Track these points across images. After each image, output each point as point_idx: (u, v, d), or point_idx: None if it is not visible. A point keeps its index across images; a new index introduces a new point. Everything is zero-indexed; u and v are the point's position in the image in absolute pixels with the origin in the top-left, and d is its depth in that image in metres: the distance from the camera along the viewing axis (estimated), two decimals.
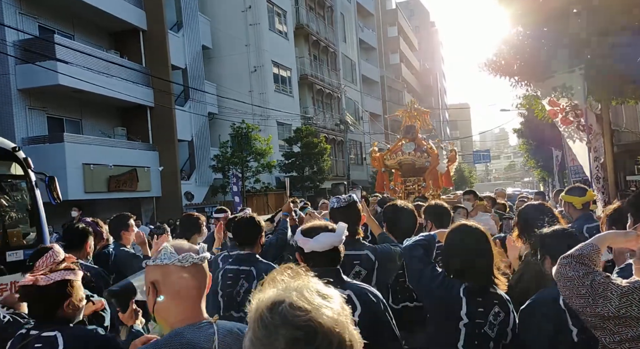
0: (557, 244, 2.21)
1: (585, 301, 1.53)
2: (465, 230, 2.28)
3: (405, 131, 6.55)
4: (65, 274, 2.08)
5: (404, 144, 6.39)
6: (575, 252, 1.63)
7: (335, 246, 2.08)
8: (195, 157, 20.26)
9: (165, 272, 1.40)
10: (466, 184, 56.55)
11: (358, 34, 36.31)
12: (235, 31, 22.88)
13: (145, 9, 17.77)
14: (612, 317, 1.49)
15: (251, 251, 2.96)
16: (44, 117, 14.66)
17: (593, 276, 1.55)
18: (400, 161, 6.31)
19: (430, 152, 6.19)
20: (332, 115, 29.12)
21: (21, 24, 13.81)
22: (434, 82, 65.13)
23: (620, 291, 1.50)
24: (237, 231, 3.06)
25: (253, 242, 3.00)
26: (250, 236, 3.00)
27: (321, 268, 2.02)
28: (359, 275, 2.61)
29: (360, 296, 2.02)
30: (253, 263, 2.90)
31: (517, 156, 76.89)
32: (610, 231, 1.79)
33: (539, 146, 22.88)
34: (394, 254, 2.74)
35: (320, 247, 2.06)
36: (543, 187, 28.71)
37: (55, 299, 2.04)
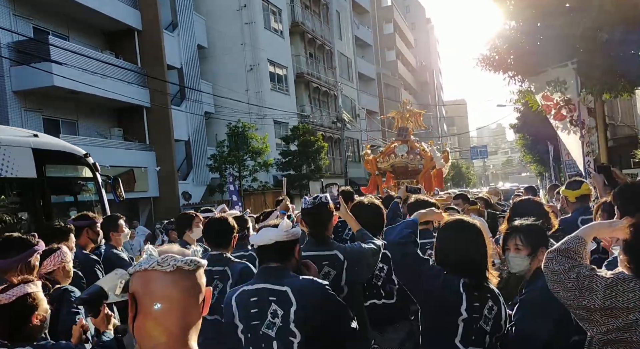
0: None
1: (572, 294, 1.55)
2: (463, 225, 2.26)
3: (398, 133, 6.55)
4: (26, 287, 1.99)
5: (396, 147, 6.37)
6: (561, 246, 1.65)
7: (278, 241, 2.15)
8: (192, 157, 20.25)
9: (145, 280, 1.07)
10: (464, 180, 56.67)
11: (354, 31, 36.28)
12: (231, 30, 22.83)
13: (140, 9, 17.73)
14: (598, 309, 1.51)
15: (224, 251, 2.94)
16: (39, 118, 14.62)
17: (579, 269, 1.57)
18: (393, 163, 6.30)
19: (423, 154, 6.20)
20: (328, 113, 29.12)
21: (15, 25, 13.77)
22: (430, 78, 65.18)
23: (605, 283, 1.52)
24: (209, 232, 3.02)
25: (227, 244, 2.97)
26: (223, 237, 2.97)
27: (266, 264, 2.19)
28: (328, 275, 2.59)
29: (299, 291, 2.06)
30: (226, 262, 2.87)
31: (515, 151, 77.06)
32: (595, 222, 1.80)
33: (535, 141, 22.94)
34: (366, 252, 2.68)
35: (261, 241, 2.18)
36: (540, 181, 28.81)
37: (21, 314, 1.97)
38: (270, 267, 2.18)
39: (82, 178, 6.17)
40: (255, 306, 2.10)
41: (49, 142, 5.84)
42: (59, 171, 5.92)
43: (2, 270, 2.41)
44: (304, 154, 20.38)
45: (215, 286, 2.78)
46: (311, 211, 2.74)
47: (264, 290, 2.11)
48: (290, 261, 2.22)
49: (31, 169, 5.23)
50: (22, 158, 5.16)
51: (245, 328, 2.10)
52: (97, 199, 6.26)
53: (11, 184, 5.26)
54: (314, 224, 2.72)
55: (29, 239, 2.55)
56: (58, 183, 5.88)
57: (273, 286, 2.10)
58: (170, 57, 18.60)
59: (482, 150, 47.98)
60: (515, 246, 2.31)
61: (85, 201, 6.35)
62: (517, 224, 2.38)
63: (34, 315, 1.99)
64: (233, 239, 3.02)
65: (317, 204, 2.75)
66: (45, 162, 5.46)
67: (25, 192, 5.44)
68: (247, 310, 2.10)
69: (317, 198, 2.78)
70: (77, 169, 6.10)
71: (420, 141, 6.65)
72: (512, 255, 2.33)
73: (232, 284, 2.73)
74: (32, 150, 5.29)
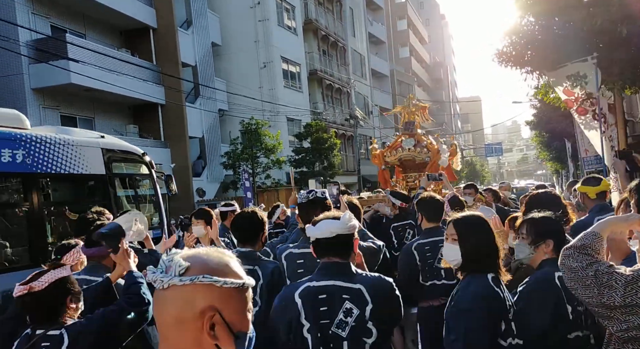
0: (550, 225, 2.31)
1: (590, 291, 1.52)
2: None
3: (405, 127, 6.52)
4: (57, 273, 2.02)
5: (403, 140, 6.35)
6: (577, 243, 1.62)
7: (339, 234, 2.00)
8: (206, 153, 20.40)
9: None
10: (478, 177, 56.16)
11: (367, 28, 36.14)
12: (244, 27, 22.91)
13: (155, 7, 17.89)
14: (619, 306, 1.48)
15: (252, 248, 2.77)
16: (57, 115, 14.86)
17: (597, 266, 1.54)
18: (400, 157, 6.30)
19: (430, 147, 6.18)
20: (341, 110, 29.07)
21: (34, 23, 14.00)
22: (444, 75, 64.62)
23: (625, 280, 1.49)
24: (238, 227, 2.86)
25: (255, 239, 2.81)
26: (252, 232, 2.80)
27: (327, 259, 2.04)
28: None
29: (373, 288, 1.97)
30: (256, 261, 2.71)
31: (530, 148, 76.11)
32: (610, 217, 1.76)
33: (551, 138, 22.61)
34: (365, 251, 2.59)
35: (320, 234, 2.02)
36: (556, 179, 28.41)
37: (56, 299, 2.00)
38: (334, 262, 2.02)
39: (140, 174, 6.85)
40: (324, 305, 1.95)
41: (114, 142, 6.56)
42: (122, 168, 6.59)
43: (101, 256, 2.56)
44: (316, 151, 20.38)
45: None
46: (306, 205, 2.64)
47: (334, 287, 1.96)
48: (351, 255, 2.09)
49: (101, 166, 5.95)
50: (93, 157, 5.87)
51: (312, 327, 1.94)
52: (152, 193, 7.00)
53: (85, 180, 6.01)
54: (308, 220, 2.56)
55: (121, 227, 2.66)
56: (121, 179, 6.55)
57: (344, 283, 1.96)
58: (184, 55, 18.74)
59: (497, 147, 47.48)
60: (521, 234, 2.38)
61: (143, 195, 6.99)
62: (530, 214, 2.42)
63: (67, 298, 2.04)
64: (262, 235, 2.86)
65: (311, 199, 2.65)
66: (111, 161, 6.15)
67: (96, 187, 6.19)
68: (315, 308, 1.95)
69: (311, 192, 2.69)
70: (136, 167, 6.81)
71: (427, 134, 6.61)
72: (516, 243, 2.44)
73: (264, 285, 2.60)
74: (101, 150, 6.02)
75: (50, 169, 5.32)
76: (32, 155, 5.11)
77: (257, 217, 2.85)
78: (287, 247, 2.72)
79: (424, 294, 3.35)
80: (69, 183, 5.98)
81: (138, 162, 6.74)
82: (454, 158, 6.72)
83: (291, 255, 2.64)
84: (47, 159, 5.29)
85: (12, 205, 5.35)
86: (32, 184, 5.21)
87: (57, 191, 5.90)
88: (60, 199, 5.89)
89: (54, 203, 5.68)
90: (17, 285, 1.99)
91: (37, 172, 5.19)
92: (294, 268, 2.60)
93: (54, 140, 5.41)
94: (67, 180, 5.82)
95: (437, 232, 3.36)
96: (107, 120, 16.82)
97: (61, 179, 5.70)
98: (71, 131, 6.26)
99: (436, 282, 3.29)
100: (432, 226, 3.46)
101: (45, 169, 5.26)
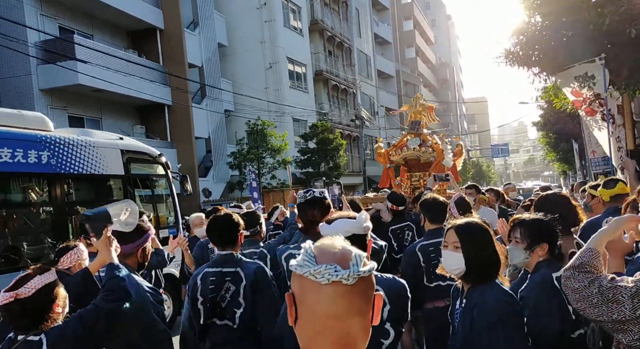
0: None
1: (599, 310, 1.51)
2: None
3: (411, 127, 6.53)
4: (43, 278, 1.95)
5: (409, 140, 6.36)
6: (575, 263, 1.60)
7: (355, 233, 1.97)
8: (212, 154, 20.46)
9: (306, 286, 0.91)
10: (484, 178, 55.91)
11: (373, 29, 36.10)
12: (251, 28, 22.97)
13: (161, 8, 17.98)
14: (630, 319, 1.47)
15: (232, 250, 2.74)
16: (65, 116, 14.97)
17: (599, 282, 1.53)
18: (405, 156, 6.30)
19: (435, 147, 6.18)
20: (347, 110, 29.05)
21: (42, 25, 14.11)
22: (450, 75, 64.41)
23: (630, 292, 1.48)
24: (214, 232, 2.80)
25: (234, 242, 2.77)
26: (229, 236, 2.77)
27: None
28: None
29: (389, 289, 1.94)
30: (238, 263, 2.68)
31: (537, 149, 75.65)
32: (601, 230, 1.74)
33: (558, 139, 22.48)
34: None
35: (335, 233, 1.98)
36: (564, 180, 28.21)
37: (42, 307, 1.94)
38: None
39: (156, 175, 7.06)
40: None
41: (131, 144, 6.77)
42: (139, 169, 6.76)
43: (125, 255, 2.51)
44: (322, 152, 20.38)
45: (226, 288, 2.61)
46: (304, 205, 2.57)
47: None
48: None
49: (119, 167, 6.19)
50: (113, 158, 6.11)
51: None
52: (167, 193, 7.23)
53: (105, 180, 6.24)
54: (307, 221, 2.56)
55: (143, 226, 2.62)
56: (139, 179, 6.73)
57: None
58: (191, 56, 18.81)
59: (504, 148, 47.22)
60: (515, 238, 2.32)
61: (159, 194, 7.19)
62: (521, 217, 2.37)
63: (54, 304, 1.99)
64: (240, 236, 2.83)
65: (309, 199, 2.58)
66: (129, 162, 6.36)
67: (115, 187, 6.39)
68: None
69: (309, 192, 2.61)
70: (152, 167, 7.03)
71: (432, 134, 6.62)
72: (510, 247, 2.34)
73: (247, 286, 2.60)
74: (120, 151, 6.25)
75: (73, 170, 5.53)
76: (57, 156, 5.33)
77: (232, 219, 2.79)
78: (287, 248, 2.68)
79: (428, 295, 3.33)
80: (90, 183, 6.18)
81: (154, 163, 6.98)
82: (459, 158, 6.72)
83: (291, 256, 2.61)
84: (70, 160, 5.50)
85: (37, 204, 5.51)
86: (56, 184, 5.42)
87: (80, 191, 6.12)
88: (82, 198, 6.08)
89: (76, 203, 5.85)
90: (2, 292, 1.92)
91: (61, 173, 5.39)
92: None
93: (76, 142, 5.62)
94: (88, 180, 6.03)
95: (441, 234, 3.31)
96: (114, 120, 16.91)
97: (83, 179, 5.92)
98: (92, 132, 6.46)
99: (441, 283, 3.25)
100: (436, 227, 3.42)
101: (68, 169, 5.47)
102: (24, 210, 5.37)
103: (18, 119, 5.34)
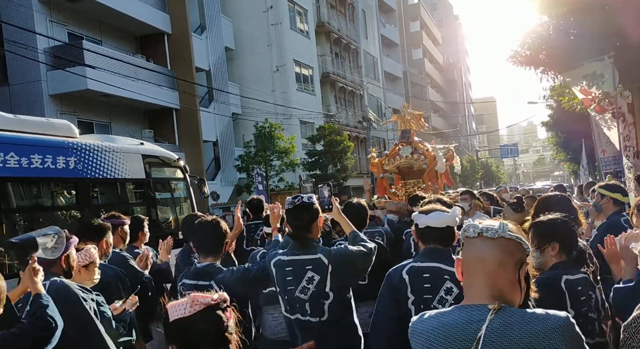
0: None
1: None
2: None
3: (402, 136, 6.59)
4: None
5: (400, 149, 6.44)
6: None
7: (449, 225, 2.26)
8: (220, 157, 20.55)
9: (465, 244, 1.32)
10: (494, 179, 55.49)
11: (380, 30, 36.07)
12: (257, 31, 23.06)
13: (169, 13, 18.11)
14: None
15: (213, 261, 2.69)
16: (74, 121, 15.08)
17: None
18: (398, 164, 6.38)
19: (427, 154, 6.24)
20: (354, 112, 29.04)
21: (51, 31, 14.28)
22: (458, 76, 64.15)
23: None
24: (200, 238, 2.73)
25: (217, 252, 2.72)
26: (215, 244, 2.71)
27: (433, 245, 2.30)
28: (312, 281, 2.45)
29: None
30: (212, 275, 2.62)
31: (547, 149, 74.96)
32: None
33: (568, 138, 22.28)
34: (353, 255, 2.51)
35: (432, 223, 2.29)
36: (574, 180, 27.94)
37: None
38: (439, 248, 2.28)
39: (175, 178, 7.28)
40: (428, 282, 2.20)
41: (151, 148, 7.00)
42: (159, 173, 7.00)
43: (48, 264, 2.45)
44: (330, 154, 20.38)
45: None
46: (292, 211, 2.54)
47: (436, 268, 2.22)
48: (451, 245, 2.32)
49: (141, 171, 6.42)
50: (135, 163, 6.33)
51: (416, 300, 2.21)
52: (185, 196, 7.42)
53: (128, 184, 6.42)
54: (295, 226, 2.55)
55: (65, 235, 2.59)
56: (159, 183, 6.97)
57: (446, 266, 2.20)
58: (198, 60, 18.92)
59: (513, 148, 46.95)
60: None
61: (178, 197, 7.38)
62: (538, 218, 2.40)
63: None
64: (224, 246, 2.74)
65: (297, 204, 2.53)
66: (150, 166, 6.58)
67: (137, 191, 6.60)
68: (419, 284, 2.21)
69: (297, 198, 2.57)
70: (171, 171, 7.26)
71: (423, 142, 6.69)
72: None
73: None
74: (141, 156, 6.47)
75: (98, 174, 5.74)
76: (82, 161, 5.54)
77: (220, 227, 2.72)
78: (276, 254, 2.63)
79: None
80: (114, 187, 6.34)
81: (173, 166, 7.21)
82: (452, 162, 6.77)
83: (280, 262, 2.57)
84: (95, 165, 5.71)
85: (65, 208, 5.72)
86: (83, 188, 5.66)
87: (104, 195, 6.32)
88: (106, 202, 6.24)
89: (101, 206, 5.97)
90: None
91: (87, 178, 5.61)
92: (283, 275, 2.53)
93: (100, 147, 5.82)
94: (112, 184, 6.22)
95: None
96: (123, 125, 17.05)
97: (107, 183, 6.12)
98: (114, 138, 6.69)
99: None
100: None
101: (93, 174, 5.69)
102: (52, 214, 5.54)
103: (46, 126, 5.56)
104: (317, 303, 2.45)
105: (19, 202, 5.22)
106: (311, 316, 2.46)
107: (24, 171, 4.92)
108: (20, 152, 4.87)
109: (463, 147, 49.91)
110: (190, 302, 1.32)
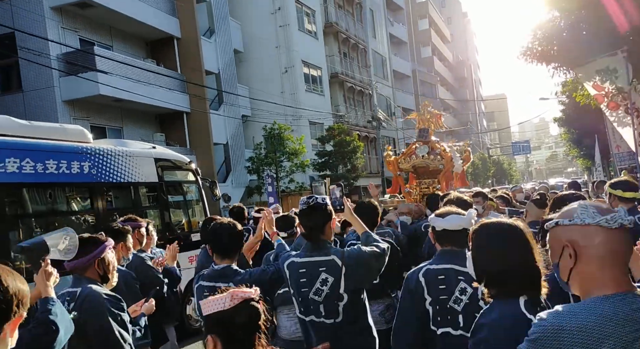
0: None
1: None
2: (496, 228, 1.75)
3: (419, 135, 6.54)
4: None
5: (417, 148, 6.38)
6: None
7: (465, 228, 2.31)
8: (231, 159, 20.65)
9: (586, 233, 1.25)
10: (506, 177, 54.95)
11: (388, 29, 35.96)
12: (265, 33, 23.14)
13: (178, 17, 18.26)
14: None
15: (229, 263, 2.68)
16: (87, 126, 15.24)
17: None
18: (414, 164, 6.33)
19: (444, 154, 6.18)
20: (364, 112, 28.98)
21: (63, 37, 14.48)
22: (468, 73, 63.67)
23: None
24: (218, 240, 2.70)
25: (234, 255, 2.71)
26: (232, 247, 2.70)
27: (448, 247, 2.37)
28: (326, 282, 2.44)
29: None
30: (230, 277, 2.59)
31: (559, 145, 74.07)
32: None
33: (581, 134, 22.00)
34: (367, 256, 2.48)
35: (449, 226, 2.36)
36: (588, 176, 27.57)
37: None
38: (454, 250, 2.36)
39: (187, 181, 7.35)
40: (443, 283, 2.28)
41: (164, 152, 7.12)
42: (171, 176, 7.09)
43: (82, 268, 2.47)
44: (339, 154, 20.36)
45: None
46: (306, 212, 2.54)
47: (451, 270, 2.29)
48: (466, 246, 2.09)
49: (154, 175, 6.52)
50: (148, 166, 6.43)
51: (433, 301, 2.29)
52: (197, 199, 7.46)
53: (141, 188, 6.52)
54: (309, 227, 2.54)
55: (98, 237, 2.61)
56: (172, 186, 7.06)
57: (460, 267, 2.25)
58: (208, 63, 19.04)
59: (525, 145, 46.47)
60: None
61: (190, 200, 7.45)
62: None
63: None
64: (240, 249, 2.75)
65: (311, 205, 2.52)
66: (162, 169, 6.67)
67: (151, 194, 6.71)
68: (435, 286, 2.30)
69: (311, 198, 2.56)
70: (183, 174, 7.34)
71: (440, 142, 6.62)
72: None
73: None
74: (154, 159, 6.57)
75: (111, 179, 5.83)
76: (96, 166, 5.64)
77: (236, 229, 2.71)
78: (289, 255, 2.64)
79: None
80: (127, 191, 6.41)
81: (185, 169, 7.28)
82: (467, 164, 6.71)
83: (293, 264, 2.57)
84: (109, 169, 5.81)
85: (80, 212, 5.84)
86: (97, 192, 5.75)
87: (118, 199, 6.44)
88: (120, 206, 6.35)
89: (116, 209, 6.09)
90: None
91: (101, 182, 5.70)
92: (296, 277, 2.53)
93: (114, 152, 5.91)
94: (126, 188, 6.30)
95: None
96: (135, 129, 17.22)
97: (121, 187, 6.21)
98: (127, 143, 6.79)
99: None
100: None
101: (107, 178, 5.77)
102: (67, 218, 5.61)
103: (60, 132, 5.65)
104: (332, 305, 2.45)
105: (34, 207, 5.31)
106: (325, 318, 2.46)
107: (40, 176, 5.01)
108: (36, 158, 4.96)
109: (474, 145, 49.47)
110: (229, 296, 1.47)
